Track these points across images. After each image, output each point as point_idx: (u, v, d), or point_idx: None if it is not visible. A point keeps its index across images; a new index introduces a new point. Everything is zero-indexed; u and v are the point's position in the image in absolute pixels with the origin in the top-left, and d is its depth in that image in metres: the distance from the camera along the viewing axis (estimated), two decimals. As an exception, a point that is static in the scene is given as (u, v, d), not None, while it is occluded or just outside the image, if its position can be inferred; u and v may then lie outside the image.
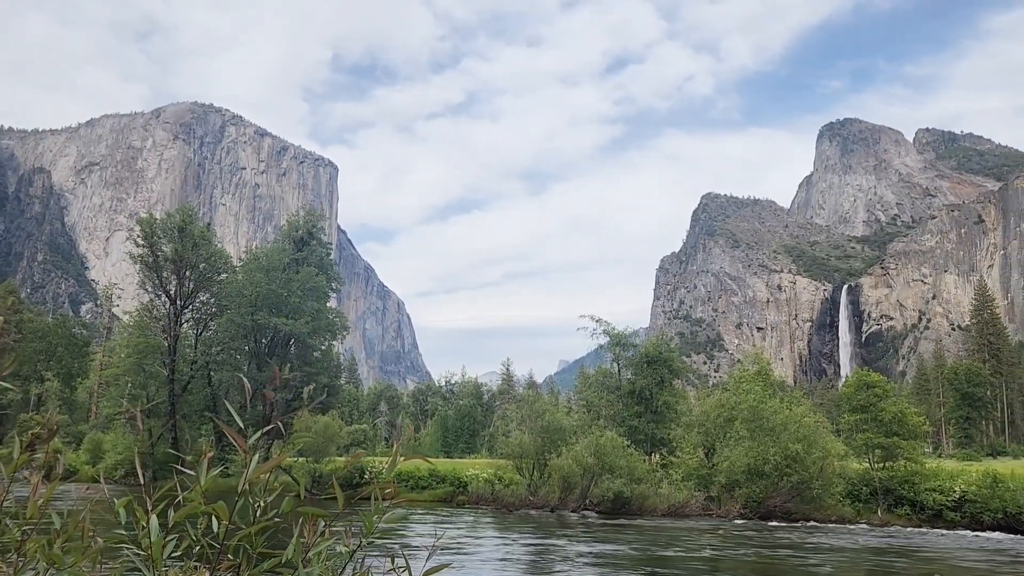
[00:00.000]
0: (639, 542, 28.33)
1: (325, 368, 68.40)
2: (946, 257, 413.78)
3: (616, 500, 40.22)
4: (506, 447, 46.09)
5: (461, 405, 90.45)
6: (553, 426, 45.73)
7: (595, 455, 41.57)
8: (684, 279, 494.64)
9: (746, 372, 58.25)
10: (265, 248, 74.17)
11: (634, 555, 24.60)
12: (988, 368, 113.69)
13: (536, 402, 56.09)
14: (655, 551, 26.03)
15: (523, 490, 42.86)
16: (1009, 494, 36.31)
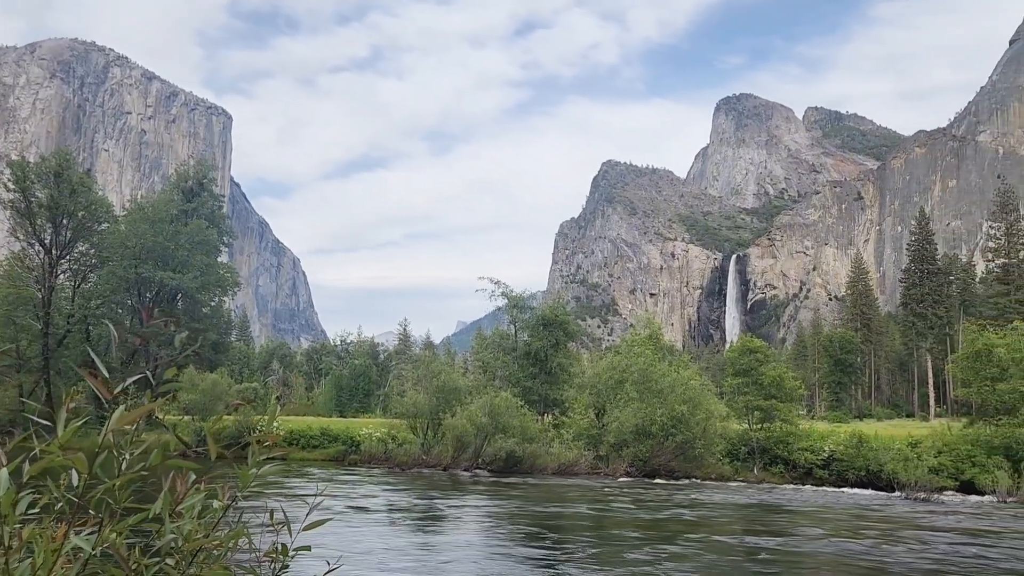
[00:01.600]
0: (529, 500, 28.93)
1: (214, 324, 66.21)
2: (827, 231, 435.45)
3: (508, 459, 40.86)
4: (400, 407, 45.99)
5: (356, 365, 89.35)
6: (448, 386, 45.89)
7: (489, 415, 42.00)
8: (582, 244, 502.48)
9: (638, 336, 59.96)
10: (152, 198, 70.75)
11: (523, 512, 25.10)
12: (860, 336, 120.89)
13: (432, 362, 56.12)
14: (544, 508, 26.64)
15: (416, 449, 42.96)
16: (872, 453, 38.93)
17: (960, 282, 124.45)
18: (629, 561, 16.57)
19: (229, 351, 77.37)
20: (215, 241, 65.40)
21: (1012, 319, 62.57)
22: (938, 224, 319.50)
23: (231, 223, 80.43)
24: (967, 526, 23.64)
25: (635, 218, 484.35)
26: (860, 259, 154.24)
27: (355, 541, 18.11)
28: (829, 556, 18.33)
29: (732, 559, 17.61)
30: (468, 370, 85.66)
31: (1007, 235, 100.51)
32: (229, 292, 68.07)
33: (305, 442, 47.82)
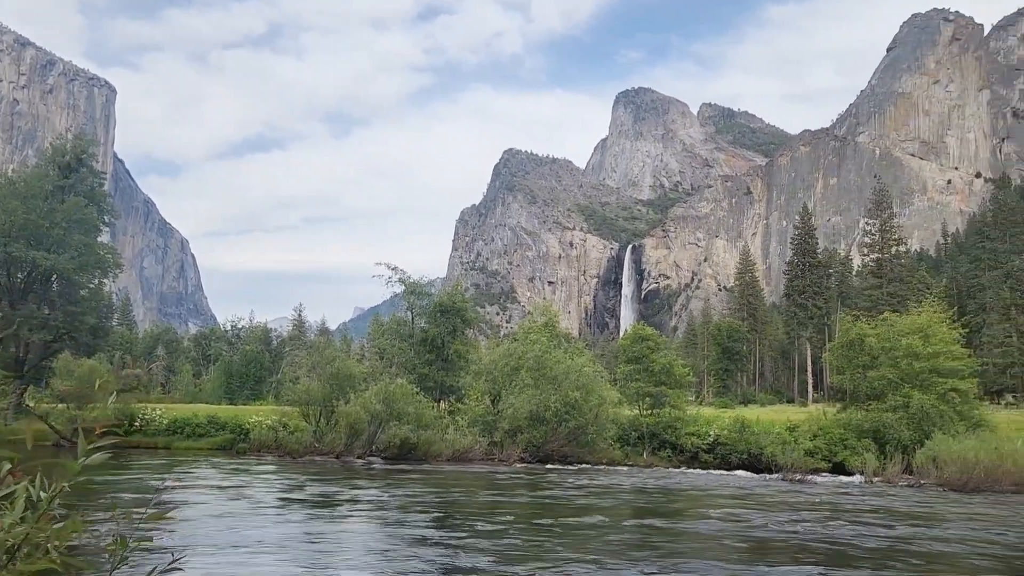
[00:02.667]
0: (422, 486, 28.81)
1: (93, 308, 62.74)
2: (718, 224, 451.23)
3: (402, 446, 40.59)
4: (293, 394, 44.91)
5: (247, 351, 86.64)
6: (343, 373, 45.15)
7: (384, 402, 41.57)
8: (482, 232, 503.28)
9: (535, 323, 60.59)
10: (24, 173, 66.25)
11: (417, 499, 24.98)
12: (746, 326, 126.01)
13: (327, 348, 55.08)
14: (437, 494, 26.59)
15: (308, 437, 42.09)
16: (753, 437, 40.70)
17: (838, 275, 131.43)
18: (520, 545, 16.72)
19: (109, 336, 73.61)
20: (94, 220, 61.92)
21: (883, 311, 66.56)
22: (820, 220, 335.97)
23: (113, 201, 76.27)
24: (833, 504, 24.99)
25: (535, 207, 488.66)
26: (748, 251, 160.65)
27: (244, 532, 17.59)
28: (709, 534, 19.02)
29: (620, 540, 18.03)
30: (364, 357, 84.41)
31: (881, 232, 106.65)
32: (110, 274, 64.60)
33: (191, 431, 46.13)
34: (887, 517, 22.01)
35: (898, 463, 34.34)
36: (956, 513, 23.18)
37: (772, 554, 16.44)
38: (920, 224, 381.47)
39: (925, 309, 45.89)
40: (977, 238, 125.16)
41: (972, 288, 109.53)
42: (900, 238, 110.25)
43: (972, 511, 23.69)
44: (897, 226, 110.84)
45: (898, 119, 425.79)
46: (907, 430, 37.03)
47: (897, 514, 22.76)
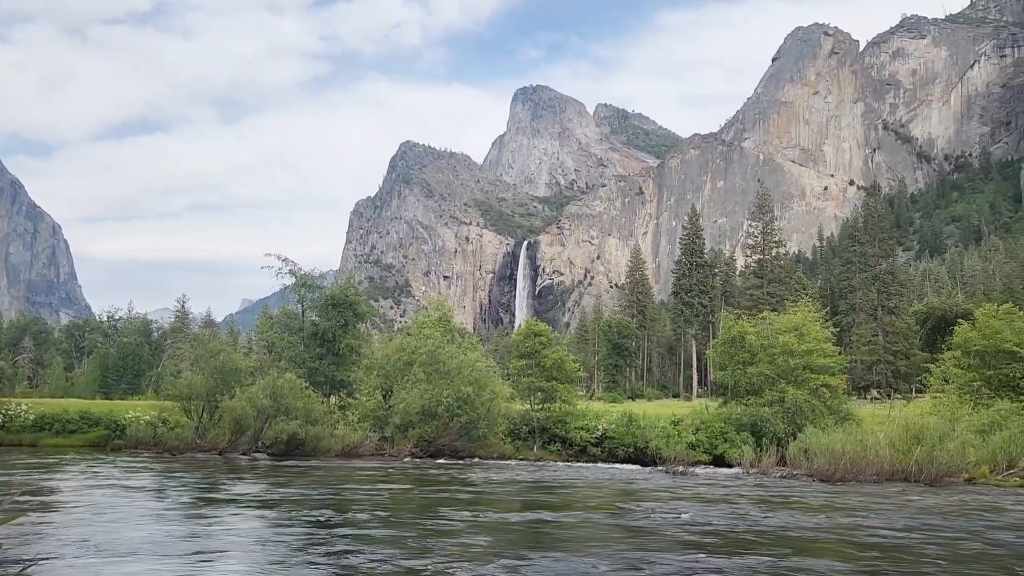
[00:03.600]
0: (309, 482, 28.27)
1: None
2: (611, 222, 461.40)
3: (290, 442, 39.67)
4: (174, 388, 43.18)
5: (125, 343, 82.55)
6: (229, 366, 43.73)
7: (271, 396, 40.51)
8: (378, 224, 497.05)
9: (429, 318, 60.24)
10: None
11: (302, 495, 24.48)
12: (636, 322, 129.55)
13: (211, 341, 53.19)
14: (324, 490, 26.14)
15: (190, 433, 40.55)
16: (639, 431, 41.87)
17: (723, 275, 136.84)
18: (408, 541, 16.64)
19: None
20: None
21: (763, 309, 69.72)
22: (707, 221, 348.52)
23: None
24: (712, 495, 26.05)
25: (432, 200, 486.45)
26: (638, 250, 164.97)
27: (113, 535, 16.77)
28: (595, 526, 19.48)
29: (509, 533, 18.21)
30: (252, 350, 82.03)
31: (763, 234, 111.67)
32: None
33: (60, 427, 43.66)
34: (761, 506, 23.11)
35: (773, 455, 36.04)
36: (823, 502, 24.57)
37: (655, 544, 16.98)
38: (799, 228, 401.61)
39: (800, 309, 48.23)
40: (849, 242, 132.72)
41: (843, 289, 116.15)
42: (780, 240, 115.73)
43: (838, 500, 25.16)
44: (778, 229, 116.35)
45: (780, 127, 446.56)
46: (782, 423, 38.90)
47: (770, 503, 23.92)
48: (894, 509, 22.81)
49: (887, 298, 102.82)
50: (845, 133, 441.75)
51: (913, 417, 34.67)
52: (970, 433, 32.70)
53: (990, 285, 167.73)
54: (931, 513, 22.00)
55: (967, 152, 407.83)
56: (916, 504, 24.04)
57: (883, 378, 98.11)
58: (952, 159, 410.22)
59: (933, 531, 18.86)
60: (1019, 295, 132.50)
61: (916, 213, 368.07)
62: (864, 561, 15.43)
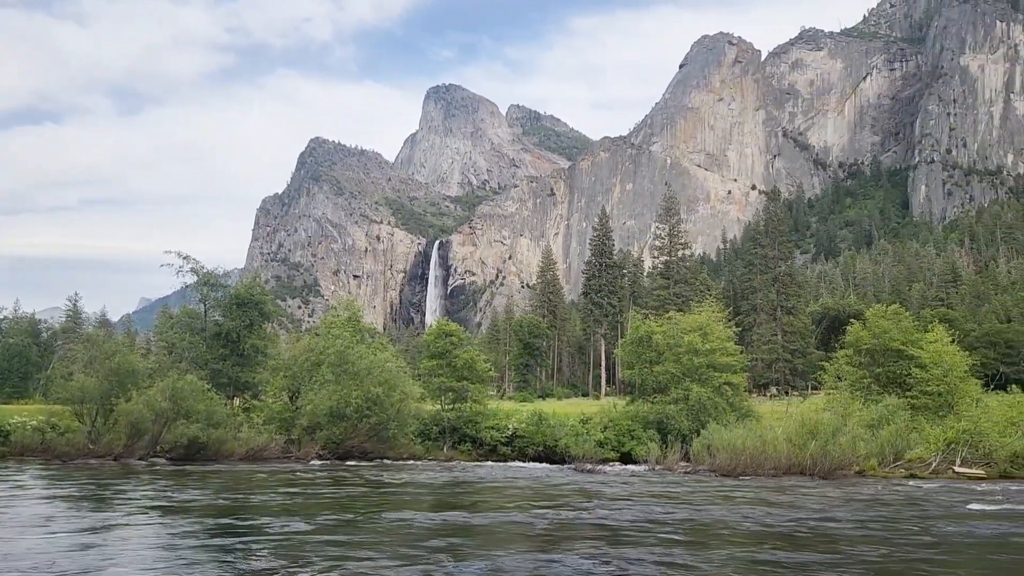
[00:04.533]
0: (209, 487, 27.37)
1: None
2: (523, 223, 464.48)
3: (191, 445, 38.32)
4: (65, 391, 41.01)
5: (10, 344, 77.93)
6: (125, 368, 41.88)
7: (171, 399, 39.02)
8: (285, 222, 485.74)
9: (338, 318, 59.24)
10: None
11: (201, 501, 23.67)
12: (546, 322, 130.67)
13: (107, 342, 50.86)
14: (226, 495, 25.36)
15: (82, 438, 38.65)
16: (549, 430, 42.27)
17: (631, 275, 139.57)
18: (312, 544, 16.30)
19: None
20: None
21: (670, 310, 71.53)
22: (616, 223, 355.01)
23: None
24: (618, 491, 26.54)
25: (342, 198, 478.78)
26: (550, 251, 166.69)
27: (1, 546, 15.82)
28: (503, 525, 19.53)
29: (417, 534, 18.06)
30: (151, 351, 78.86)
31: (670, 236, 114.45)
32: None
33: (-64, 433, 40.85)
34: (664, 501, 23.68)
35: (677, 451, 37.00)
36: (724, 496, 25.36)
37: (561, 540, 17.16)
38: (704, 230, 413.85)
39: (705, 309, 49.72)
40: (751, 245, 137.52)
41: (745, 290, 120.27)
42: (686, 243, 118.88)
43: (738, 494, 26.01)
44: (684, 231, 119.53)
45: (687, 132, 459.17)
46: (686, 421, 39.98)
47: (673, 498, 24.53)
48: (790, 501, 23.74)
49: (785, 299, 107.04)
50: (748, 139, 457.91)
51: (808, 413, 36.19)
52: (860, 428, 34.34)
53: (880, 287, 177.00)
54: (824, 504, 23.00)
55: (860, 160, 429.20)
56: (810, 496, 25.09)
57: (782, 376, 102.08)
58: (846, 166, 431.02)
59: (825, 520, 19.72)
60: (906, 296, 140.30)
61: (813, 217, 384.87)
62: (760, 551, 16.00)
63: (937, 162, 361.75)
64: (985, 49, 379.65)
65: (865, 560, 15.06)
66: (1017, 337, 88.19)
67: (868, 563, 14.82)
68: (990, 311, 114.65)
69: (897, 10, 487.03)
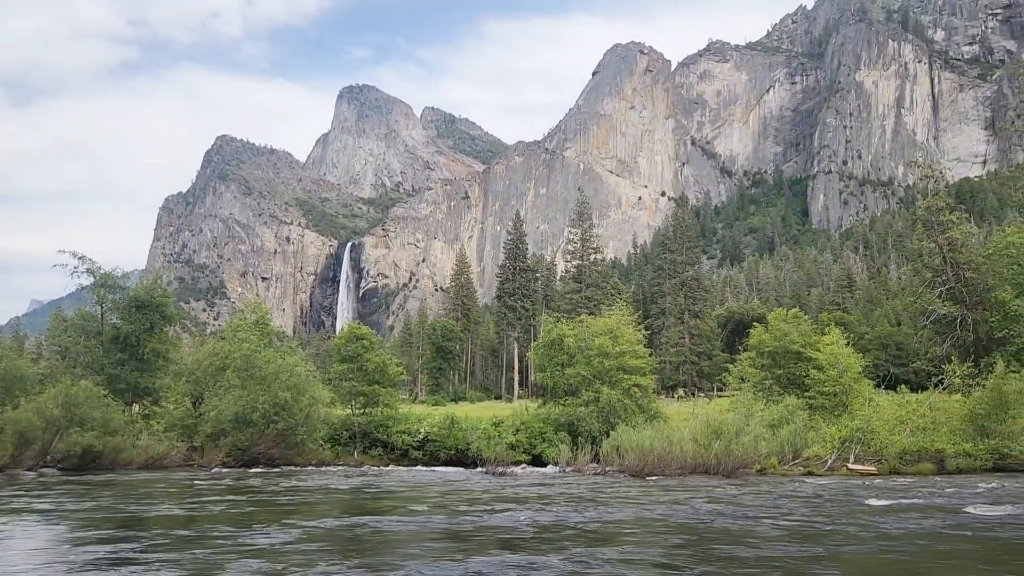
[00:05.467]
0: (104, 498, 26.15)
1: None
2: (437, 226, 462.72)
3: (85, 455, 36.56)
4: (-64, 400, 38.57)
5: None
6: (12, 374, 39.78)
7: (64, 406, 37.12)
8: (190, 222, 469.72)
9: (245, 321, 57.64)
10: None
11: (94, 512, 22.57)
12: (460, 325, 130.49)
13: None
14: (120, 506, 24.26)
15: (-38, 449, 36.36)
16: (461, 433, 42.23)
17: (544, 279, 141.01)
18: (212, 556, 15.75)
19: None
20: None
21: (581, 313, 72.49)
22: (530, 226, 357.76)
23: None
24: (528, 493, 26.69)
25: (250, 198, 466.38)
26: (464, 254, 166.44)
27: None
28: (413, 530, 19.35)
29: (324, 542, 17.68)
30: (42, 355, 75.00)
31: (582, 240, 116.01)
32: None
33: None
34: (572, 502, 23.94)
35: (588, 453, 37.48)
36: (631, 495, 25.82)
37: (471, 544, 17.11)
38: (615, 235, 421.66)
39: (615, 312, 50.59)
40: (660, 250, 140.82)
41: (654, 294, 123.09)
42: (598, 247, 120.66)
43: (645, 494, 26.52)
44: (596, 236, 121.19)
45: (600, 138, 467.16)
46: (596, 422, 40.55)
47: (581, 499, 24.83)
48: (694, 499, 24.36)
49: (693, 303, 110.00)
50: (658, 147, 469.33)
51: (713, 414, 37.25)
52: (762, 428, 35.56)
53: (781, 291, 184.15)
54: (726, 501, 23.70)
55: (763, 169, 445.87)
56: (714, 494, 25.81)
57: (689, 378, 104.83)
58: (750, 175, 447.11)
59: (727, 517, 20.31)
60: (805, 300, 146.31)
61: (719, 223, 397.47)
62: (662, 549, 16.36)
63: (834, 172, 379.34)
64: (878, 66, 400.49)
65: (766, 556, 15.56)
66: (906, 340, 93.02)
67: (769, 558, 15.32)
68: (881, 315, 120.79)
69: (798, 26, 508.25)
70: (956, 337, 53.73)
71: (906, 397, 42.42)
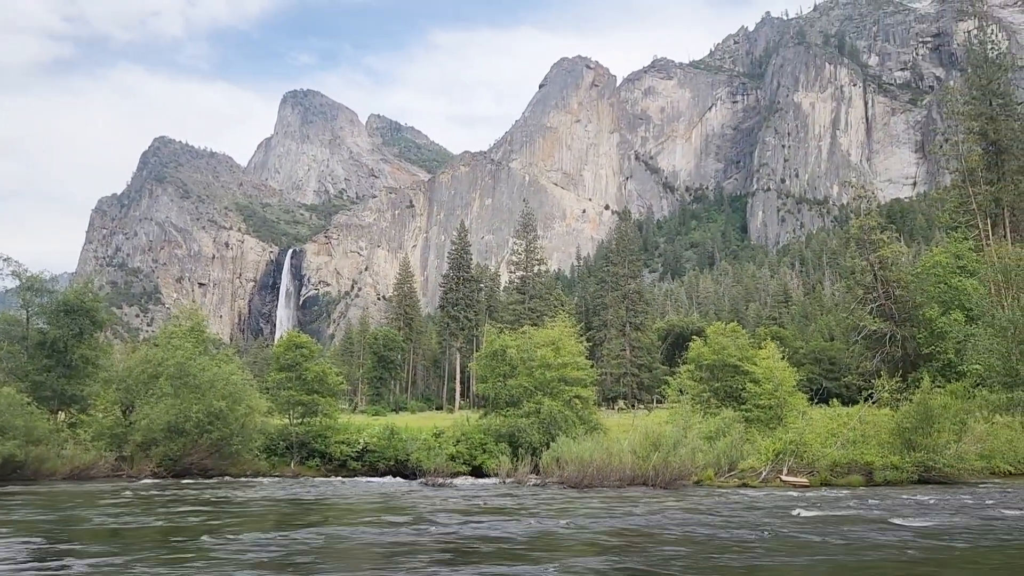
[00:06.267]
0: (22, 510, 25.11)
1: None
2: (381, 234, 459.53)
3: (6, 464, 35.08)
4: None
5: None
6: (-73, 381, 37.94)
7: (-16, 414, 35.64)
8: (124, 224, 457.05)
9: (179, 327, 56.20)
10: None
11: (11, 524, 21.65)
12: (402, 335, 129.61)
13: (-93, 350, 45.90)
14: (41, 519, 23.32)
15: None
16: (401, 444, 41.79)
17: (488, 290, 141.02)
18: (133, 571, 15.23)
19: None
20: None
21: (524, 324, 72.58)
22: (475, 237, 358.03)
23: None
24: (466, 505, 26.53)
25: (188, 202, 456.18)
26: (407, 263, 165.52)
27: None
28: (348, 543, 19.05)
29: (256, 556, 17.24)
30: (-37, 361, 71.64)
31: (526, 252, 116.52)
32: None
33: None
34: (510, 513, 23.86)
35: (528, 464, 37.45)
36: (568, 507, 25.86)
37: (401, 558, 16.89)
38: (559, 247, 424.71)
39: (558, 324, 50.76)
40: (603, 262, 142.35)
41: (597, 306, 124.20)
42: (542, 259, 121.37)
43: (582, 505, 26.60)
44: (540, 248, 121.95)
45: (545, 150, 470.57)
46: (537, 434, 40.55)
47: (519, 510, 24.78)
48: (630, 510, 24.52)
49: (634, 315, 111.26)
50: (603, 160, 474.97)
51: (652, 426, 37.59)
52: (699, 439, 36.04)
53: (720, 305, 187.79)
54: (662, 512, 23.92)
55: (704, 185, 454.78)
56: (650, 504, 26.03)
57: (629, 389, 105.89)
58: (692, 191, 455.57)
59: (662, 528, 20.49)
60: (743, 314, 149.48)
61: (661, 238, 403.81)
62: (596, 559, 16.40)
63: (772, 190, 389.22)
64: (815, 88, 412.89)
65: (698, 566, 15.72)
66: (839, 355, 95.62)
67: (701, 568, 15.47)
68: (816, 330, 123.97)
69: (740, 47, 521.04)
70: (885, 352, 55.48)
71: (838, 410, 43.47)
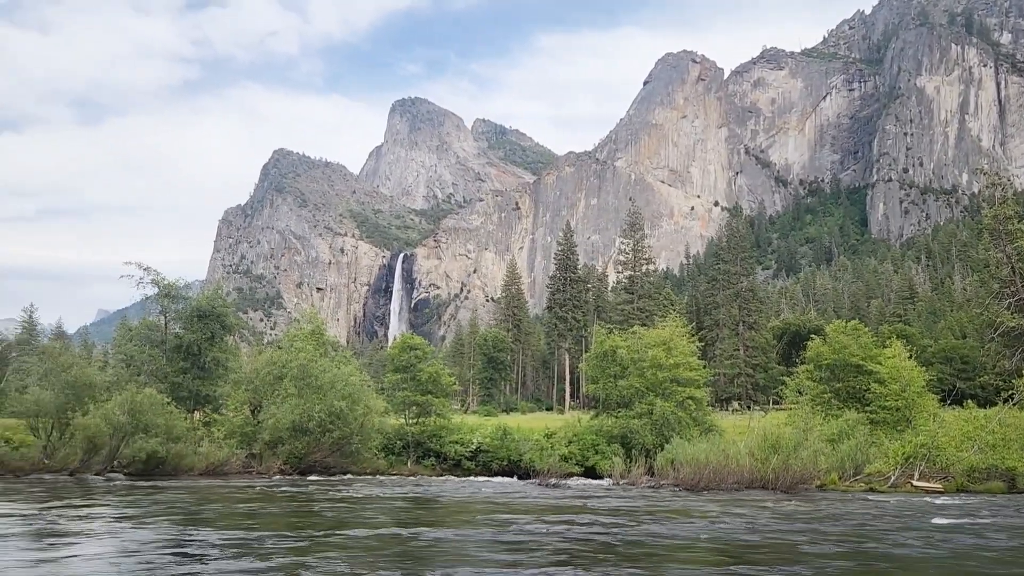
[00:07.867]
0: (166, 503, 26.84)
1: None
2: (488, 237, 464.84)
3: (149, 461, 37.57)
4: (19, 404, 40.08)
5: (-37, 356, 76.10)
6: (82, 381, 40.99)
7: (129, 413, 38.24)
8: (248, 233, 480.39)
9: (301, 331, 58.67)
10: None
11: (158, 516, 23.19)
12: (511, 336, 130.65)
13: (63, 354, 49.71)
14: (183, 511, 24.87)
15: (37, 453, 37.74)
16: (514, 444, 42.26)
17: (596, 290, 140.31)
18: (273, 561, 16.05)
19: None
20: None
21: (634, 324, 71.91)
22: (581, 237, 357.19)
23: None
24: (582, 506, 26.56)
25: (305, 210, 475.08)
26: (514, 265, 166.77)
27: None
28: (467, 540, 19.43)
29: (379, 550, 17.89)
30: (109, 364, 77.24)
31: (634, 251, 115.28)
32: None
33: None
34: (628, 516, 23.75)
35: (641, 466, 37.15)
36: (688, 510, 25.51)
37: (523, 557, 17.11)
38: (667, 245, 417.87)
39: (668, 324, 50.06)
40: (714, 260, 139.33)
41: (708, 305, 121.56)
42: (650, 258, 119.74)
43: (701, 508, 26.18)
44: (648, 247, 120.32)
45: (651, 148, 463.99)
46: (650, 435, 40.16)
47: (637, 513, 24.62)
48: (752, 515, 23.95)
49: (747, 314, 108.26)
50: (711, 156, 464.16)
51: (770, 428, 36.57)
52: (821, 442, 34.78)
53: (839, 303, 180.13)
54: (786, 517, 23.25)
55: (819, 178, 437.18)
56: (773, 509, 25.35)
57: (744, 390, 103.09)
58: (806, 184, 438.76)
59: (788, 534, 19.93)
60: (864, 312, 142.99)
61: (774, 234, 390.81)
62: (719, 566, 16.11)
63: (894, 181, 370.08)
64: (941, 71, 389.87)
65: (824, 574, 15.24)
66: (972, 353, 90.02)
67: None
68: (946, 327, 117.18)
69: (856, 32, 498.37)
70: (1025, 350, 51.83)
71: (973, 412, 41.05)
